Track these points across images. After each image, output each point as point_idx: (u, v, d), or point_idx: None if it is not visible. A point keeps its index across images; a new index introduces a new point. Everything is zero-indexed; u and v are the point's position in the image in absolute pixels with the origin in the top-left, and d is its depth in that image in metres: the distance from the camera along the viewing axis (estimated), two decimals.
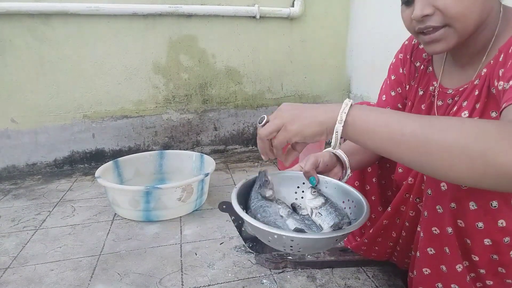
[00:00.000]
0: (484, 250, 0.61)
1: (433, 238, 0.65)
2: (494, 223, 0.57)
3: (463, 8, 0.57)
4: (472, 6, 0.57)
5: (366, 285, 0.94)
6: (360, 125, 0.51)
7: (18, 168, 1.86)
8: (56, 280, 0.99)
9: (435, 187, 0.62)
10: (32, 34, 1.73)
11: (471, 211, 0.58)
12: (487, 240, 0.60)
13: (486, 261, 0.62)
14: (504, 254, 0.60)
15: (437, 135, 0.45)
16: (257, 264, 1.04)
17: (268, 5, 2.01)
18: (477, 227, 0.59)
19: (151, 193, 1.25)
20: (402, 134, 0.47)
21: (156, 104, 2.01)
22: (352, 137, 0.53)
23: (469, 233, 0.61)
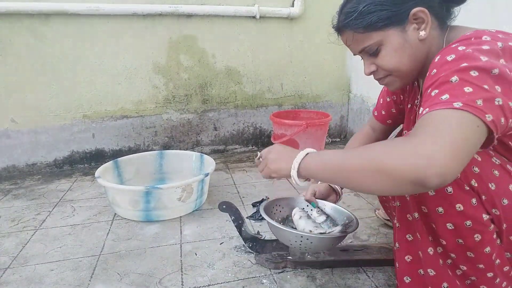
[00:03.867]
0: (448, 234, 0.65)
1: (408, 225, 0.70)
2: (452, 207, 0.63)
3: (394, 64, 0.72)
4: (401, 61, 0.71)
5: (366, 285, 0.94)
6: (309, 168, 0.69)
7: (18, 168, 1.86)
8: (56, 280, 0.99)
9: None
10: (32, 34, 1.73)
11: (430, 197, 0.64)
12: (449, 224, 0.64)
13: (453, 245, 0.66)
14: (468, 238, 0.64)
15: (349, 162, 0.60)
16: (257, 264, 1.04)
17: (268, 5, 2.01)
18: (438, 212, 0.64)
19: (151, 193, 1.25)
20: (332, 170, 0.64)
21: (156, 104, 2.01)
22: (305, 176, 0.71)
23: (432, 218, 0.65)
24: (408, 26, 0.69)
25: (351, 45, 0.76)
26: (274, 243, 1.09)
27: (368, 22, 0.69)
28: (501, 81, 0.54)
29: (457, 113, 0.52)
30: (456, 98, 0.53)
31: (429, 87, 0.59)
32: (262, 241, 1.09)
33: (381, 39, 0.70)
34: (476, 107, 0.52)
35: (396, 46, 0.70)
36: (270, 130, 2.24)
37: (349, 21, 0.72)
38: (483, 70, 0.55)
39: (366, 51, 0.74)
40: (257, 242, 1.09)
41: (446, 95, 0.55)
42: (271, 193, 1.47)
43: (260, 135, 2.24)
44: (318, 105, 2.30)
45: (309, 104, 2.29)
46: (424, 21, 0.68)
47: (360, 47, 0.74)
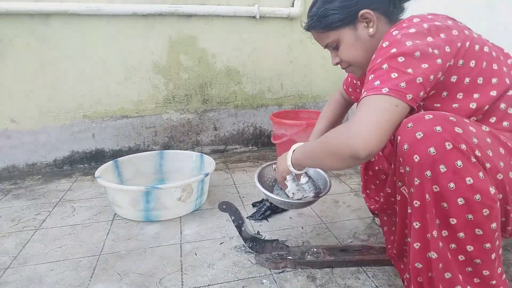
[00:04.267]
0: (459, 210, 0.66)
1: (416, 211, 0.71)
2: (462, 181, 0.65)
3: (351, 57, 0.87)
4: (357, 54, 0.86)
5: (366, 285, 0.94)
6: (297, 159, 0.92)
7: (18, 168, 1.86)
8: (56, 280, 0.99)
9: (411, 162, 0.68)
10: (32, 34, 1.73)
11: (442, 173, 0.65)
12: (460, 199, 0.66)
13: (463, 222, 0.67)
14: (478, 213, 0.66)
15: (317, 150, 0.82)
16: (257, 264, 1.04)
17: (268, 5, 2.01)
18: (450, 187, 0.66)
19: (151, 193, 1.25)
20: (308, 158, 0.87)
21: (156, 104, 2.01)
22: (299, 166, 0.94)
23: (444, 196, 0.67)
24: (358, 25, 0.84)
25: (318, 41, 0.94)
26: (274, 243, 1.09)
27: (325, 23, 0.85)
28: (423, 60, 0.68)
29: (382, 98, 0.67)
30: (384, 84, 0.68)
31: (369, 71, 0.73)
32: (262, 241, 1.09)
33: (338, 37, 0.86)
34: (398, 90, 0.67)
35: (351, 42, 0.85)
36: (270, 130, 2.24)
37: (312, 23, 0.89)
38: (408, 54, 0.68)
39: (329, 46, 0.91)
40: (257, 242, 1.09)
41: (377, 81, 0.69)
42: None
43: (260, 135, 2.24)
44: (318, 105, 2.30)
45: (309, 104, 2.29)
46: (371, 20, 0.82)
47: (324, 43, 0.91)
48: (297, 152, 0.92)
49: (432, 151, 0.65)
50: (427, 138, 0.66)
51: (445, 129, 0.65)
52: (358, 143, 0.67)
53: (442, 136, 0.65)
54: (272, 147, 2.22)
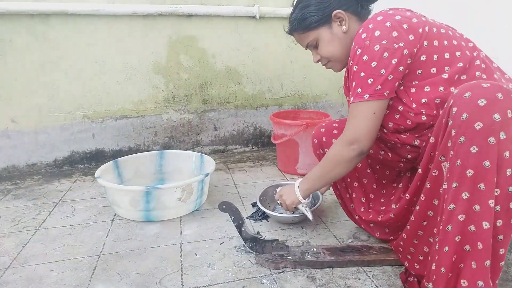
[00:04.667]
0: (505, 181, 0.67)
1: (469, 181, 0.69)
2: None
3: (329, 52, 1.00)
4: (334, 49, 0.99)
5: (366, 285, 0.94)
6: (305, 190, 1.10)
7: (18, 168, 1.86)
8: (56, 280, 0.99)
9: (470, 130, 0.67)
10: (32, 34, 1.73)
11: (501, 140, 0.66)
12: (509, 170, 0.67)
13: (504, 195, 0.68)
14: None
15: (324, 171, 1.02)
16: (257, 264, 1.04)
17: (268, 5, 2.01)
18: (505, 156, 0.66)
19: (151, 193, 1.25)
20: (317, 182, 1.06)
21: (156, 104, 2.01)
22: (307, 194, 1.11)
23: (497, 165, 0.67)
24: (333, 24, 0.97)
25: (300, 42, 1.06)
26: (274, 243, 1.09)
27: (305, 25, 0.98)
28: (392, 56, 0.81)
29: (366, 104, 0.86)
30: (365, 91, 0.85)
31: (350, 75, 0.90)
32: (262, 241, 1.09)
33: (316, 36, 0.99)
34: (376, 92, 0.84)
35: (328, 39, 0.98)
36: (270, 130, 2.24)
37: (293, 27, 1.01)
38: (378, 58, 0.82)
39: (310, 45, 1.03)
40: (257, 242, 1.09)
41: (359, 88, 0.86)
42: None
43: (260, 135, 2.24)
44: (318, 105, 2.30)
45: (309, 104, 2.29)
46: (343, 19, 0.95)
47: (305, 43, 1.03)
48: (304, 184, 1.08)
49: (497, 118, 0.65)
50: (491, 105, 0.65)
51: (506, 97, 0.65)
52: (361, 144, 0.90)
53: (504, 103, 0.65)
54: (272, 147, 2.22)
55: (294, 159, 1.76)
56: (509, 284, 0.94)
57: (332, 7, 0.95)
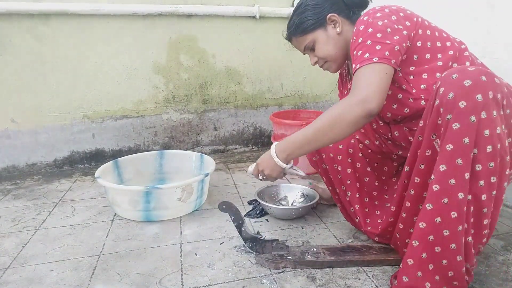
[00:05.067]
0: (486, 158, 0.73)
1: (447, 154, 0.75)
2: (494, 130, 0.72)
3: (325, 53, 1.05)
4: (329, 50, 1.04)
5: (366, 285, 0.94)
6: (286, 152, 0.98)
7: (18, 168, 1.86)
8: (56, 280, 0.99)
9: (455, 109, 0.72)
10: (32, 34, 1.73)
11: (482, 119, 0.71)
12: (489, 147, 0.72)
13: (485, 170, 0.73)
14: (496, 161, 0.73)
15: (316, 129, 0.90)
16: (257, 264, 1.04)
17: (268, 5, 2.01)
18: (485, 134, 0.72)
19: (151, 193, 1.25)
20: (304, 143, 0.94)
21: (156, 104, 2.01)
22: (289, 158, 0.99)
23: (477, 143, 0.72)
24: (328, 27, 1.03)
25: (298, 47, 1.11)
26: (274, 243, 1.09)
27: (302, 28, 1.04)
28: (394, 33, 0.85)
29: (376, 65, 0.84)
30: (374, 55, 0.84)
31: (355, 49, 0.88)
32: (262, 241, 1.09)
33: (313, 38, 1.04)
34: (385, 57, 0.83)
35: (324, 40, 1.03)
36: (270, 130, 2.24)
37: (291, 31, 1.08)
38: (382, 31, 0.85)
39: (307, 48, 1.08)
40: (257, 242, 1.09)
41: (367, 54, 0.85)
42: None
43: (260, 135, 2.24)
44: (318, 105, 2.31)
45: (309, 104, 2.29)
46: (337, 22, 1.01)
47: (303, 46, 1.08)
48: (284, 148, 0.98)
49: (479, 98, 0.70)
50: (475, 86, 0.71)
51: (489, 79, 0.71)
52: (370, 102, 0.81)
53: (487, 85, 0.71)
54: None
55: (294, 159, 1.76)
56: (509, 284, 0.94)
57: (326, 11, 1.02)
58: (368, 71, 0.84)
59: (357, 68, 0.86)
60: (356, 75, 0.85)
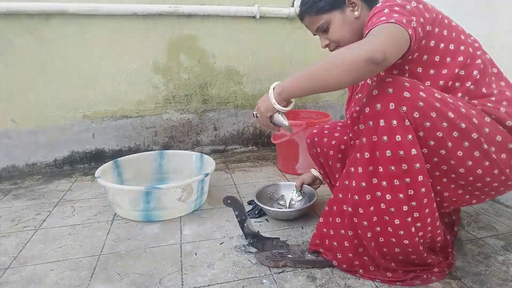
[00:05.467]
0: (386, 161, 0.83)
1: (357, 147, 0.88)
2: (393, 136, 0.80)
3: (339, 36, 0.99)
4: (344, 34, 0.98)
5: (366, 285, 0.94)
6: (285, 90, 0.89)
7: (18, 168, 1.86)
8: (56, 280, 0.99)
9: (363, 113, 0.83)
10: (32, 34, 1.73)
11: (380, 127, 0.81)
12: (388, 152, 0.81)
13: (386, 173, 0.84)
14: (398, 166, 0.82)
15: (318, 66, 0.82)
16: (257, 264, 1.04)
17: (268, 5, 2.01)
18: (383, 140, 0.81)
19: (151, 193, 1.25)
20: (305, 80, 0.84)
21: (156, 104, 2.01)
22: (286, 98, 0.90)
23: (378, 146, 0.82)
24: (346, 9, 0.97)
25: (309, 26, 1.03)
26: (274, 241, 1.09)
27: (318, 7, 0.97)
28: (412, 13, 0.80)
29: (391, 24, 0.76)
30: (390, 18, 0.77)
31: (369, 21, 0.83)
32: (263, 238, 1.10)
33: (329, 19, 0.98)
34: (402, 23, 0.76)
35: (340, 23, 0.97)
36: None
37: (306, 9, 1.00)
38: (402, 6, 0.81)
39: (320, 29, 1.01)
40: (258, 238, 1.09)
41: (383, 17, 0.78)
42: None
43: (260, 135, 2.24)
44: (318, 105, 2.30)
45: (309, 104, 2.29)
46: (356, 5, 0.96)
47: (315, 26, 1.01)
48: (282, 84, 0.89)
49: (378, 107, 0.80)
50: (379, 96, 0.80)
51: (395, 92, 0.78)
52: (376, 48, 0.72)
53: (389, 97, 0.79)
54: (272, 147, 2.22)
55: (294, 159, 1.76)
56: (509, 284, 0.94)
57: None
58: (382, 27, 0.77)
59: (370, 28, 0.78)
60: (369, 32, 0.78)
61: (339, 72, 0.76)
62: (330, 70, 0.78)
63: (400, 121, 0.78)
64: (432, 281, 0.93)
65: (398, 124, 0.78)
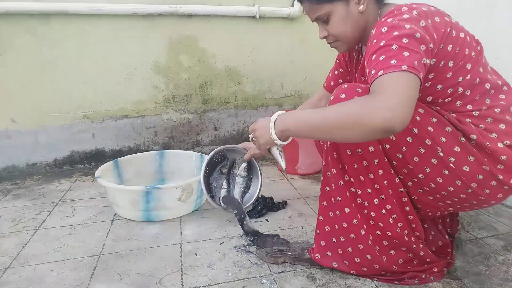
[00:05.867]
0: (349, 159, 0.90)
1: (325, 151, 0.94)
2: None
3: (340, 31, 0.92)
4: (345, 29, 0.91)
5: (366, 285, 0.94)
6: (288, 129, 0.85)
7: (18, 168, 1.86)
8: (56, 280, 0.99)
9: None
10: (32, 34, 1.73)
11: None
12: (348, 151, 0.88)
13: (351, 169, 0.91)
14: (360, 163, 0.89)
15: (328, 120, 0.76)
16: (257, 264, 1.04)
17: (268, 5, 2.01)
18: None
19: (151, 193, 1.25)
20: (313, 128, 0.79)
21: (156, 104, 2.01)
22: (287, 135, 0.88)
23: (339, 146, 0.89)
24: (351, 1, 0.88)
25: (308, 13, 0.95)
26: (275, 238, 1.09)
27: None
28: (422, 42, 0.73)
29: (405, 74, 0.69)
30: (402, 62, 0.70)
31: (374, 53, 0.74)
32: (263, 236, 1.10)
33: (330, 10, 0.89)
34: (415, 68, 0.70)
35: (342, 16, 0.90)
36: None
37: None
38: (410, 36, 0.72)
39: (319, 19, 0.93)
40: (258, 236, 1.10)
41: (393, 60, 0.70)
42: (271, 192, 1.47)
43: None
44: None
45: None
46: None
47: (315, 15, 0.93)
48: (286, 122, 0.85)
49: None
50: (334, 101, 0.84)
51: (348, 96, 0.82)
52: (396, 116, 0.67)
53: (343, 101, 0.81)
54: None
55: (294, 159, 1.76)
56: (509, 284, 0.94)
57: None
58: (396, 79, 0.69)
59: (379, 75, 0.70)
60: (379, 80, 0.70)
61: (351, 133, 0.73)
62: (341, 129, 0.74)
63: None
64: (430, 281, 0.93)
65: None
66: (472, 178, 0.82)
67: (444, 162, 0.82)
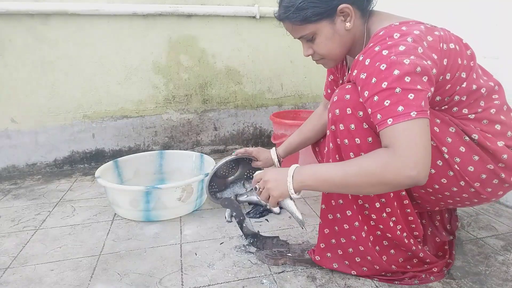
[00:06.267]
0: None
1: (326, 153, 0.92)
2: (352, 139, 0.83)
3: (326, 50, 0.88)
4: (332, 48, 0.87)
5: (366, 285, 0.94)
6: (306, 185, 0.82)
7: (18, 168, 1.86)
8: (56, 280, 0.99)
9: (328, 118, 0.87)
10: (32, 34, 1.73)
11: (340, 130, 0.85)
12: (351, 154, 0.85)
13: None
14: None
15: (349, 178, 0.75)
16: (257, 264, 1.04)
17: (268, 5, 2.01)
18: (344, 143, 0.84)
19: (151, 193, 1.25)
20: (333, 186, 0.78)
21: (156, 104, 2.01)
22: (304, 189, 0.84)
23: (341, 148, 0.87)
24: (337, 19, 0.84)
25: (291, 32, 0.90)
26: (274, 240, 1.09)
27: (304, 16, 0.83)
28: (424, 73, 0.71)
29: (416, 122, 0.69)
30: (410, 109, 0.69)
31: (375, 95, 0.72)
32: (263, 238, 1.10)
33: (315, 30, 0.85)
34: (423, 110, 0.69)
35: (328, 36, 0.86)
36: (270, 130, 2.24)
37: (288, 15, 0.85)
38: (411, 73, 0.70)
39: (304, 38, 0.89)
40: (258, 238, 1.10)
41: (400, 106, 0.69)
42: None
43: (260, 135, 2.24)
44: (318, 105, 2.30)
45: (309, 104, 2.29)
46: (349, 15, 0.83)
47: (298, 35, 0.89)
48: (305, 178, 0.81)
49: (337, 112, 0.83)
50: (337, 102, 0.83)
51: (351, 98, 0.81)
52: (420, 172, 0.68)
53: (346, 102, 0.81)
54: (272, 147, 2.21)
55: (294, 159, 1.76)
56: (509, 284, 0.94)
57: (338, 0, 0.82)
58: (409, 131, 0.68)
59: (389, 124, 0.69)
60: (391, 132, 0.69)
61: (374, 190, 0.75)
62: (363, 188, 0.74)
63: (358, 124, 0.81)
64: (430, 281, 0.93)
65: (356, 128, 0.81)
66: (476, 178, 0.83)
67: (449, 163, 0.83)
